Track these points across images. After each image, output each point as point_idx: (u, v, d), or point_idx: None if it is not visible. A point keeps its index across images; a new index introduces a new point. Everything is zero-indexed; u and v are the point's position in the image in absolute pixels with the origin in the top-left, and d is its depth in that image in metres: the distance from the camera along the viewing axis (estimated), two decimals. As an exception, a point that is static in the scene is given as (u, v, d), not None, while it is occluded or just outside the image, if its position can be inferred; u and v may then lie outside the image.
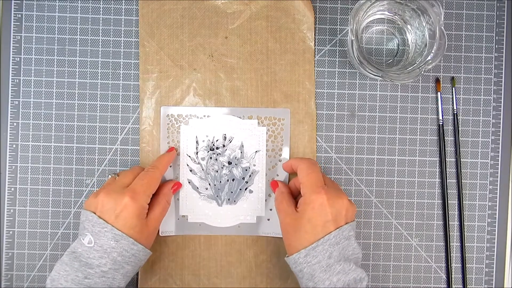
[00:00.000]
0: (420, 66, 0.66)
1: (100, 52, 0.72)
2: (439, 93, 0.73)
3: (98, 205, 0.62)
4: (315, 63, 0.73)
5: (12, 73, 0.71)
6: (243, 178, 0.72)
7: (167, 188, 0.69)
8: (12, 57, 0.71)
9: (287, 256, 0.63)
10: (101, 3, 0.72)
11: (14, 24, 0.71)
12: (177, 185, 0.70)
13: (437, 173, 0.73)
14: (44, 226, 0.72)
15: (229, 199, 0.72)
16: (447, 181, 0.73)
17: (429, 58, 0.66)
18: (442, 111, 0.73)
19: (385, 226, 0.73)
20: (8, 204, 0.71)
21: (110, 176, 0.67)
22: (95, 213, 0.61)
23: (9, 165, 0.72)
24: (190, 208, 0.72)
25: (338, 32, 0.73)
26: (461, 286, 0.73)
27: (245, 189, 0.72)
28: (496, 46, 0.74)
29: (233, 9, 0.71)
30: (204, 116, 0.71)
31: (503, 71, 0.73)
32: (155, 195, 0.66)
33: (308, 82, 0.72)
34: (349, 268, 0.60)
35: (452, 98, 0.73)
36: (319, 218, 0.60)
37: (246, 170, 0.72)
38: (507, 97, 0.73)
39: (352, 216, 0.63)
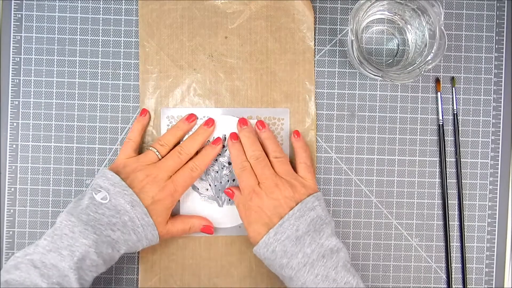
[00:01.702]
0: (420, 66, 0.66)
1: (100, 52, 0.72)
2: (439, 93, 0.73)
3: (135, 177, 0.64)
4: (315, 63, 0.73)
5: (12, 73, 0.71)
6: (243, 178, 0.72)
7: (199, 223, 0.70)
8: (12, 57, 0.71)
9: (256, 245, 0.64)
10: (101, 3, 0.72)
11: (14, 24, 0.71)
12: (208, 230, 0.71)
13: (437, 173, 0.73)
14: (44, 226, 0.72)
15: (229, 200, 0.72)
16: (447, 181, 0.73)
17: (429, 58, 0.66)
18: (442, 111, 0.73)
19: (385, 226, 0.73)
20: (8, 204, 0.71)
21: (151, 149, 0.67)
22: (122, 176, 0.64)
23: (9, 165, 0.72)
24: (190, 209, 0.71)
25: (338, 32, 0.73)
26: (461, 286, 0.73)
27: (245, 189, 0.72)
28: (496, 46, 0.74)
29: (233, 9, 0.71)
30: (204, 116, 0.71)
31: (503, 71, 0.73)
32: (188, 217, 0.70)
33: (308, 82, 0.72)
34: (319, 237, 0.61)
35: (452, 98, 0.73)
36: (260, 220, 0.63)
37: (246, 170, 0.72)
38: (507, 97, 0.73)
39: (310, 187, 0.66)
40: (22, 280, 0.56)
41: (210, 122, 0.70)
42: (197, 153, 0.69)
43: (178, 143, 0.70)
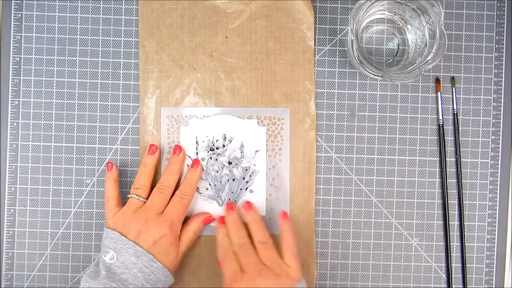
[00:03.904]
0: (420, 66, 0.66)
1: (100, 52, 0.72)
2: (439, 93, 0.73)
3: (129, 228, 0.65)
4: (315, 63, 0.73)
5: (12, 73, 0.71)
6: (244, 178, 0.72)
7: (197, 222, 0.70)
8: (12, 57, 0.71)
9: None
10: (101, 3, 0.72)
11: (14, 24, 0.71)
12: (209, 220, 0.71)
13: (437, 173, 0.73)
14: (44, 226, 0.72)
15: (229, 199, 0.72)
16: (447, 181, 0.73)
17: (429, 58, 0.66)
18: (442, 111, 0.73)
19: (385, 226, 0.73)
20: (8, 204, 0.71)
21: (131, 196, 0.68)
22: (118, 232, 0.65)
23: (9, 165, 0.72)
24: (190, 208, 0.71)
25: (338, 32, 0.73)
26: (461, 286, 0.73)
27: (246, 189, 0.72)
28: (496, 46, 0.74)
29: (233, 9, 0.71)
30: (204, 116, 0.71)
31: (503, 71, 0.73)
32: (186, 226, 0.69)
33: (308, 81, 0.72)
34: None
35: (452, 98, 0.73)
36: None
37: (247, 170, 0.72)
38: (507, 97, 0.73)
39: (294, 278, 0.63)
40: None
41: (177, 149, 0.70)
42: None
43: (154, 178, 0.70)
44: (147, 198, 0.67)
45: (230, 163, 0.72)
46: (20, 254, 0.72)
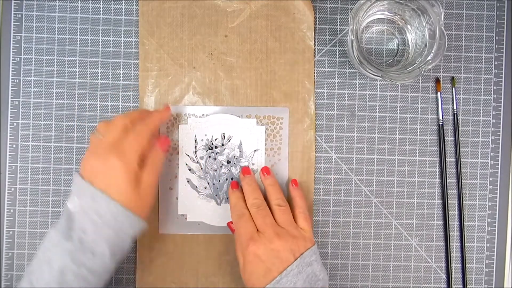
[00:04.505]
0: (420, 66, 0.66)
1: (100, 52, 0.72)
2: (439, 93, 0.73)
3: (86, 168, 0.60)
4: (314, 63, 0.73)
5: (12, 73, 0.71)
6: (243, 178, 0.72)
7: (155, 149, 0.64)
8: (12, 57, 0.71)
9: None
10: (101, 3, 0.72)
11: (14, 24, 0.71)
12: (164, 141, 0.66)
13: (437, 173, 0.73)
14: (44, 226, 0.72)
15: (228, 198, 0.71)
16: (447, 181, 0.73)
17: (429, 58, 0.66)
18: (442, 111, 0.73)
19: (385, 226, 0.73)
20: (8, 204, 0.71)
21: (91, 134, 0.64)
22: (83, 178, 0.59)
23: (9, 165, 0.72)
24: (189, 207, 0.72)
25: (338, 32, 0.73)
26: (461, 286, 0.73)
27: (245, 188, 0.72)
28: (496, 46, 0.74)
29: (233, 8, 0.71)
30: (203, 115, 0.71)
31: (503, 71, 0.73)
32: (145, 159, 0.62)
33: (308, 81, 0.72)
34: None
35: (452, 98, 0.73)
36: (256, 272, 0.61)
37: (245, 169, 0.72)
38: (507, 97, 0.73)
39: (309, 240, 0.64)
40: None
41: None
42: None
43: None
44: None
45: (228, 162, 0.72)
46: (20, 254, 0.72)
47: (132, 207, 0.59)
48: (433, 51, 0.66)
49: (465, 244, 0.73)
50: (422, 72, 0.65)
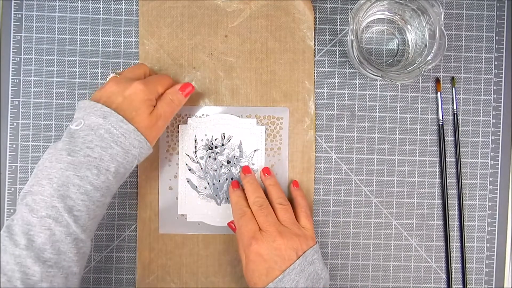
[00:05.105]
0: (420, 66, 0.66)
1: (100, 52, 0.72)
2: (439, 93, 0.73)
3: (101, 94, 0.60)
4: (314, 63, 0.73)
5: (12, 73, 0.71)
6: (243, 178, 0.72)
7: (175, 88, 0.66)
8: (12, 57, 0.71)
9: None
10: (101, 3, 0.72)
11: (14, 24, 0.71)
12: (186, 85, 0.67)
13: (437, 173, 0.73)
14: (43, 226, 0.72)
15: (227, 198, 0.72)
16: (447, 181, 0.73)
17: (429, 58, 0.66)
18: (442, 111, 0.73)
19: (385, 226, 0.73)
20: (8, 204, 0.71)
21: (112, 74, 0.65)
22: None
23: (9, 165, 0.72)
24: (189, 207, 0.71)
25: (338, 32, 0.73)
26: (461, 286, 0.73)
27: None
28: (496, 46, 0.74)
29: (233, 8, 0.71)
30: (203, 115, 0.71)
31: (503, 71, 0.73)
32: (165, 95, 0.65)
33: (308, 81, 0.72)
34: None
35: (452, 98, 0.73)
36: (258, 271, 0.61)
37: (245, 169, 0.72)
38: (507, 97, 0.73)
39: (311, 239, 0.64)
40: (16, 221, 0.54)
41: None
42: None
43: None
44: None
45: (228, 162, 0.72)
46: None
47: (143, 131, 0.60)
48: (433, 51, 0.66)
49: (465, 244, 0.73)
50: (422, 72, 0.65)
